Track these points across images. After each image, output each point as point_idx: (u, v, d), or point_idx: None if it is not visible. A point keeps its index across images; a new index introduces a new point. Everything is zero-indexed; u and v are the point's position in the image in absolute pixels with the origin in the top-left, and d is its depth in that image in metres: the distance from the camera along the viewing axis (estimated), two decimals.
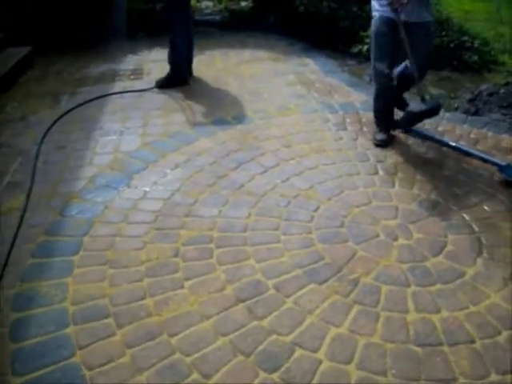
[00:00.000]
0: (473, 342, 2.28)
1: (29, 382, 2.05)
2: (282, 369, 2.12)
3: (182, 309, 2.39)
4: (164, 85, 4.88)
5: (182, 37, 4.82)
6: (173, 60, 4.90)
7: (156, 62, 5.65)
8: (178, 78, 4.93)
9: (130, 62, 5.70)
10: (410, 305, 2.45)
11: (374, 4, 3.72)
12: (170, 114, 4.29)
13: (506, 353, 2.23)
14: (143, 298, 2.44)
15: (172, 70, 4.93)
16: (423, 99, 3.62)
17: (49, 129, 4.04)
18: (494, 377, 2.13)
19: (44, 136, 3.96)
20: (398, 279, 2.60)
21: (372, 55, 3.79)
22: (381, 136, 3.88)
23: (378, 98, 3.93)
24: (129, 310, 2.38)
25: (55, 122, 4.15)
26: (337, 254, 2.74)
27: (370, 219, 3.03)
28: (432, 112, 3.70)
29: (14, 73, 5.22)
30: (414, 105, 3.72)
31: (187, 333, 2.27)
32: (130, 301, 2.43)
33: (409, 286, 2.56)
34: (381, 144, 3.84)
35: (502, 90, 4.76)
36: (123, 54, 5.99)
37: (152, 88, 4.85)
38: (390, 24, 3.58)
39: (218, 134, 3.98)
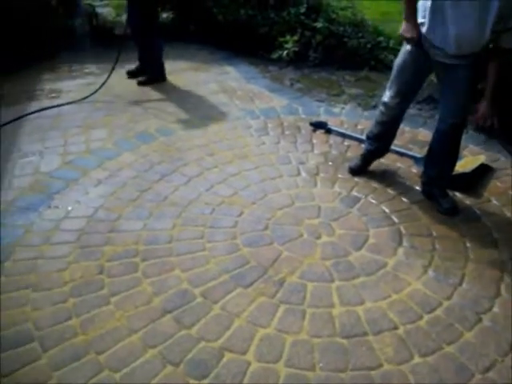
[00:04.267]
0: (396, 328, 2.38)
1: None
2: (212, 375, 2.14)
3: (109, 325, 2.37)
4: (145, 83, 5.26)
5: (155, 39, 5.17)
6: (150, 62, 5.31)
7: (75, 79, 5.56)
8: (157, 76, 5.33)
9: (47, 81, 5.57)
10: (335, 299, 2.53)
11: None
12: (91, 131, 4.23)
13: (428, 335, 2.34)
14: (68, 319, 2.41)
15: (150, 69, 5.32)
16: None
17: None
18: (417, 359, 2.24)
19: None
20: (322, 276, 2.67)
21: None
22: (355, 163, 3.64)
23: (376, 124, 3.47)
24: (54, 332, 2.34)
25: None
26: (262, 257, 2.79)
27: (294, 220, 3.10)
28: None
29: None
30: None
31: (115, 349, 2.26)
32: (55, 323, 2.39)
33: (333, 281, 2.64)
34: (354, 170, 3.61)
35: None
36: (41, 73, 5.85)
37: (87, 97, 4.92)
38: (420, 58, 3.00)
39: (141, 147, 3.96)
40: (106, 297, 2.53)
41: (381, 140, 3.52)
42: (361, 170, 3.62)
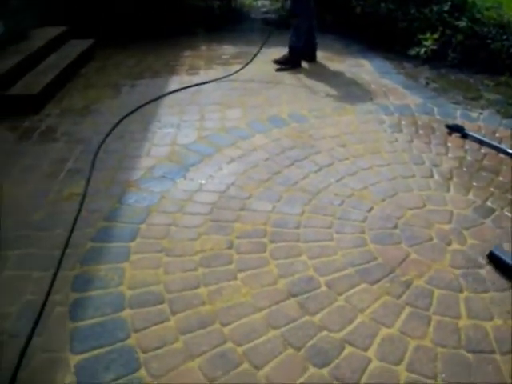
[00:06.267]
0: None
1: (86, 361, 2.13)
2: (332, 365, 2.13)
3: (235, 300, 2.43)
4: (279, 63, 5.43)
5: (304, 26, 5.33)
6: (292, 44, 5.39)
7: (214, 58, 5.73)
8: (293, 61, 5.45)
9: (187, 57, 5.80)
10: (463, 310, 2.42)
11: None
12: (226, 110, 4.36)
13: None
14: (197, 287, 2.49)
15: (289, 52, 5.43)
16: None
17: (117, 123, 4.16)
18: None
19: (112, 129, 4.08)
20: (450, 284, 2.57)
21: None
22: None
23: None
24: (183, 297, 2.44)
25: (123, 118, 4.27)
26: (389, 255, 2.73)
27: (424, 222, 3.01)
28: None
29: (76, 64, 5.40)
30: None
31: (239, 323, 2.30)
32: (184, 289, 2.48)
33: (461, 291, 2.53)
34: None
35: None
36: (181, 49, 6.10)
37: (230, 75, 5.16)
38: None
39: (273, 131, 4.02)
40: (233, 272, 2.60)
41: None
42: None
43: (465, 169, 3.58)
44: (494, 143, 3.89)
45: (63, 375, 2.07)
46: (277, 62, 5.36)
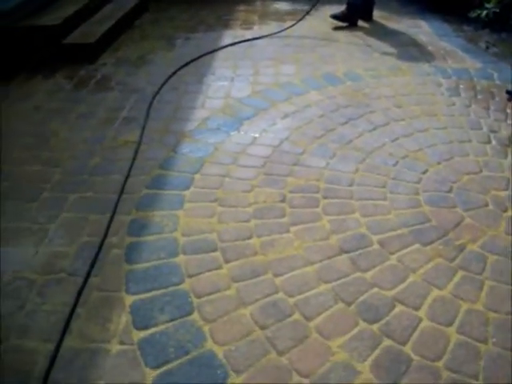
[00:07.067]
0: None
1: (141, 301, 2.19)
2: (382, 321, 2.13)
3: (287, 252, 2.45)
4: (336, 18, 5.32)
5: None
6: (351, 1, 5.24)
7: (268, 14, 5.65)
8: (350, 18, 5.32)
9: (241, 12, 5.74)
10: None
11: None
12: (280, 65, 4.32)
13: None
14: (250, 238, 2.52)
15: (347, 8, 5.30)
16: None
17: (172, 75, 4.19)
18: None
19: (167, 80, 4.11)
20: (505, 250, 2.52)
21: None
22: None
23: None
24: (235, 246, 2.47)
25: (178, 69, 4.29)
26: (444, 218, 2.69)
27: (480, 188, 2.94)
28: None
29: (131, 15, 5.40)
30: None
31: (291, 275, 2.33)
32: (237, 238, 2.52)
33: None
34: None
35: None
36: (235, 4, 6.03)
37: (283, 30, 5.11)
38: None
39: (328, 88, 3.97)
40: (286, 225, 2.61)
41: None
42: None
43: None
44: None
45: (119, 313, 2.14)
46: (335, 17, 5.24)
